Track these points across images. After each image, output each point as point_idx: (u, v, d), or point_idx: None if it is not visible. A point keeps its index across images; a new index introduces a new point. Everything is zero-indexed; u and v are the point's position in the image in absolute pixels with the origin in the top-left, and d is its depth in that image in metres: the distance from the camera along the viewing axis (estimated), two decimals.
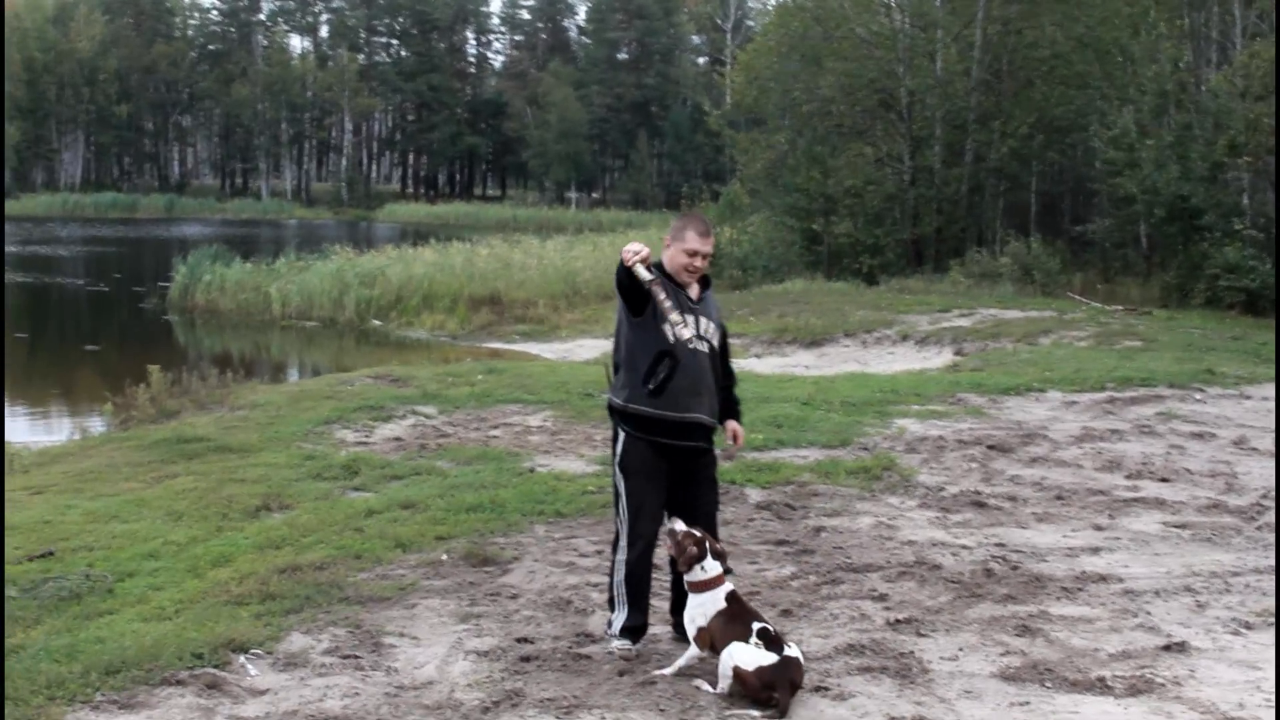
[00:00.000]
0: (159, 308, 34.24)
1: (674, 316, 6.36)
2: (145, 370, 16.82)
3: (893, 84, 38.18)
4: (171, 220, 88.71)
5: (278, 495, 10.19)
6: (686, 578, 6.31)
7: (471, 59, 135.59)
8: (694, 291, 6.71)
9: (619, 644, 6.61)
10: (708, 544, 6.31)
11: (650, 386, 6.50)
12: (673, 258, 6.66)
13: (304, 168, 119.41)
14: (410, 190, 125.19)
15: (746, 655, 5.90)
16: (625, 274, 6.35)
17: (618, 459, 6.71)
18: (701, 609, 6.21)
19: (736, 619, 6.11)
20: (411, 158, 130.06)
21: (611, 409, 6.73)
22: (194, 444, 12.46)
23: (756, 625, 6.05)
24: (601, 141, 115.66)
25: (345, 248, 39.22)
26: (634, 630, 6.67)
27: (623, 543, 6.69)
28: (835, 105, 39.68)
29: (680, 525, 6.42)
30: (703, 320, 6.65)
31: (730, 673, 5.92)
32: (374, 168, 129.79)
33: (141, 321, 33.37)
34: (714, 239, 6.80)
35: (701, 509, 6.70)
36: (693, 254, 6.62)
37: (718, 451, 6.84)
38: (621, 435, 6.68)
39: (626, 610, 6.66)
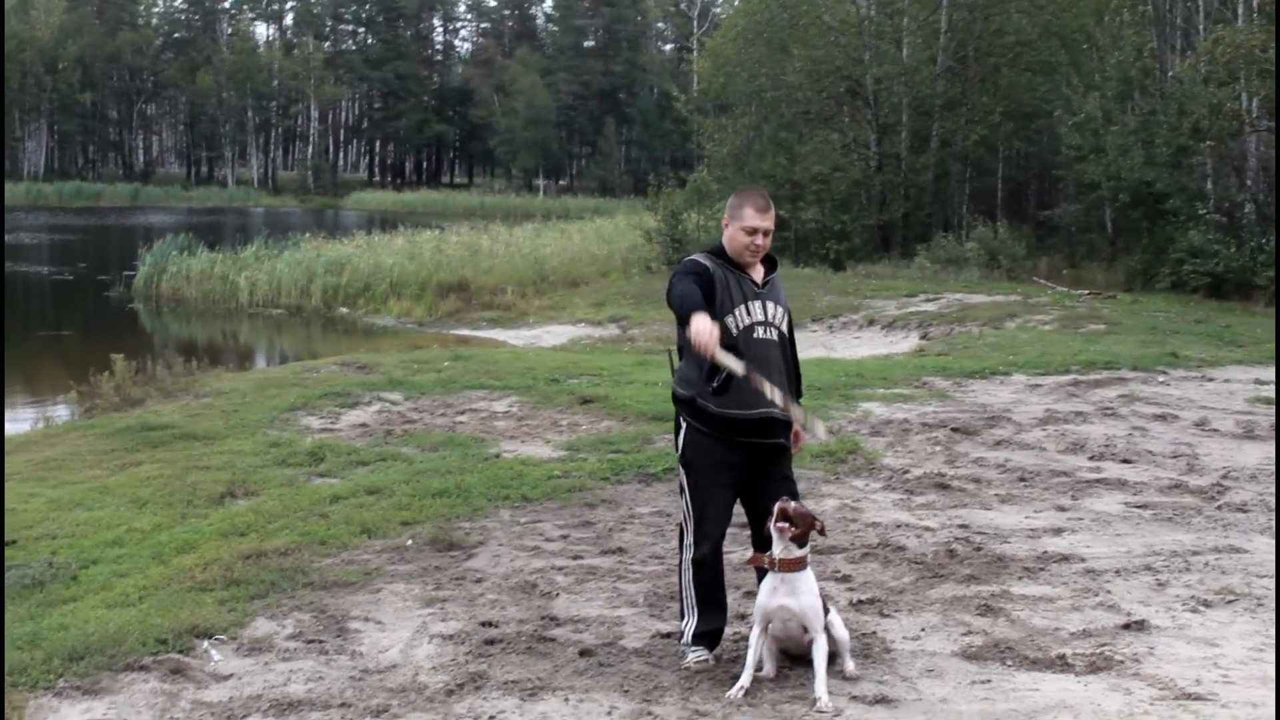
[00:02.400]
0: (124, 296, 34.09)
1: (765, 389, 5.73)
2: (110, 358, 16.75)
3: (859, 71, 38.25)
4: (137, 209, 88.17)
5: (243, 482, 10.17)
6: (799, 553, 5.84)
7: (438, 46, 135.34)
8: (758, 274, 6.23)
9: (694, 656, 6.17)
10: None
11: (714, 385, 6.02)
12: (732, 238, 6.16)
13: (270, 156, 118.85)
14: (377, 178, 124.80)
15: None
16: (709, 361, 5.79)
17: (680, 452, 6.23)
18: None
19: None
20: (378, 145, 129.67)
21: (676, 399, 6.23)
22: (158, 431, 12.42)
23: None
24: (569, 129, 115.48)
25: (314, 237, 39.07)
26: (708, 636, 6.23)
27: (688, 541, 6.22)
28: (801, 92, 39.72)
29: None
30: (769, 305, 6.18)
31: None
32: (340, 156, 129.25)
33: (106, 310, 33.21)
34: (774, 213, 6.23)
35: (775, 503, 6.10)
36: (753, 232, 6.11)
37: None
38: (683, 426, 6.18)
39: (697, 615, 6.21)
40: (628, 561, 7.99)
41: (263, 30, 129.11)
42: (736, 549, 7.52)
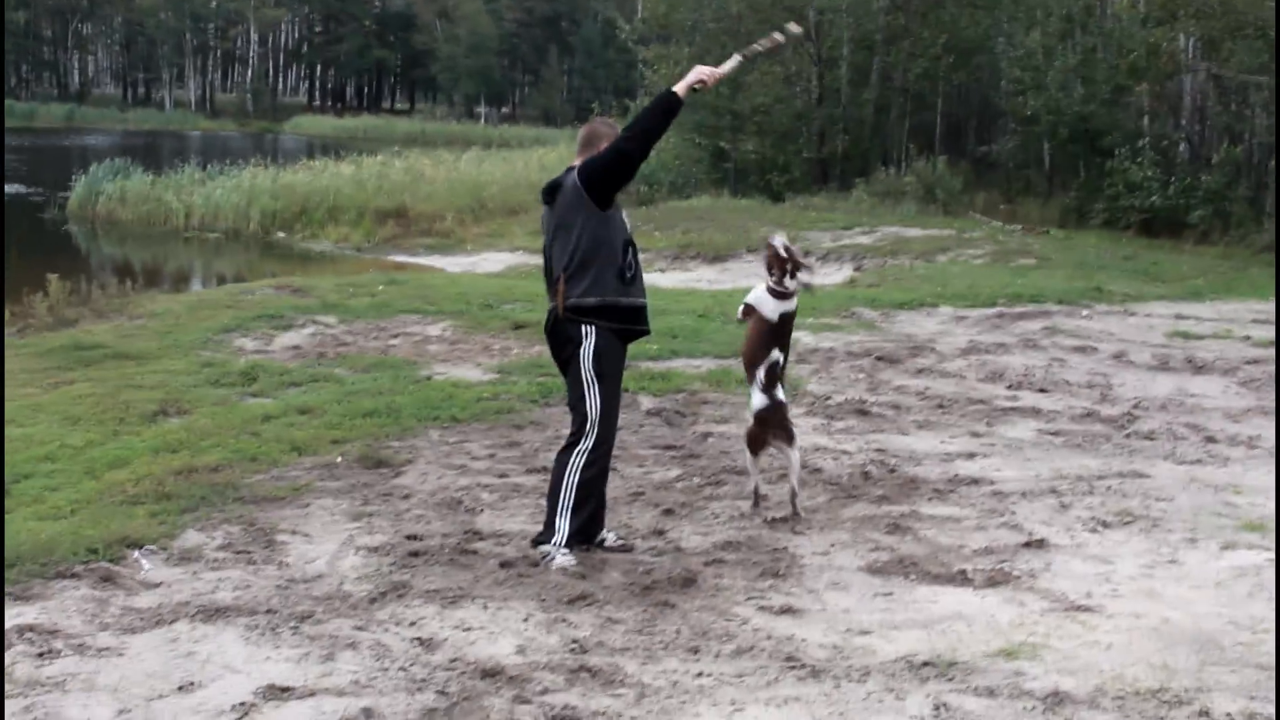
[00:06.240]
0: (59, 217, 33.79)
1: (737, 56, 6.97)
2: (44, 279, 16.73)
3: (801, 2, 38.22)
4: (72, 130, 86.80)
5: (175, 401, 10.29)
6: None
7: None
8: None
9: (566, 559, 6.51)
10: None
11: (629, 275, 6.63)
12: None
13: (208, 79, 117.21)
14: (317, 103, 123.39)
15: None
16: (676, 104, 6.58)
17: (591, 362, 6.58)
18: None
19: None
20: (318, 70, 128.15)
21: (581, 310, 6.58)
22: (92, 351, 12.48)
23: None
24: (512, 56, 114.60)
25: (257, 164, 38.58)
26: (576, 537, 6.61)
27: (587, 444, 6.62)
28: (744, 24, 39.63)
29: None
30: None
31: None
32: (280, 80, 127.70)
33: (41, 231, 32.91)
34: None
35: None
36: None
37: None
38: (592, 336, 6.58)
39: (570, 516, 6.58)
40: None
41: None
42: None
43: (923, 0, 38.15)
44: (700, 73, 6.64)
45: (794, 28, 7.17)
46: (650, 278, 20.09)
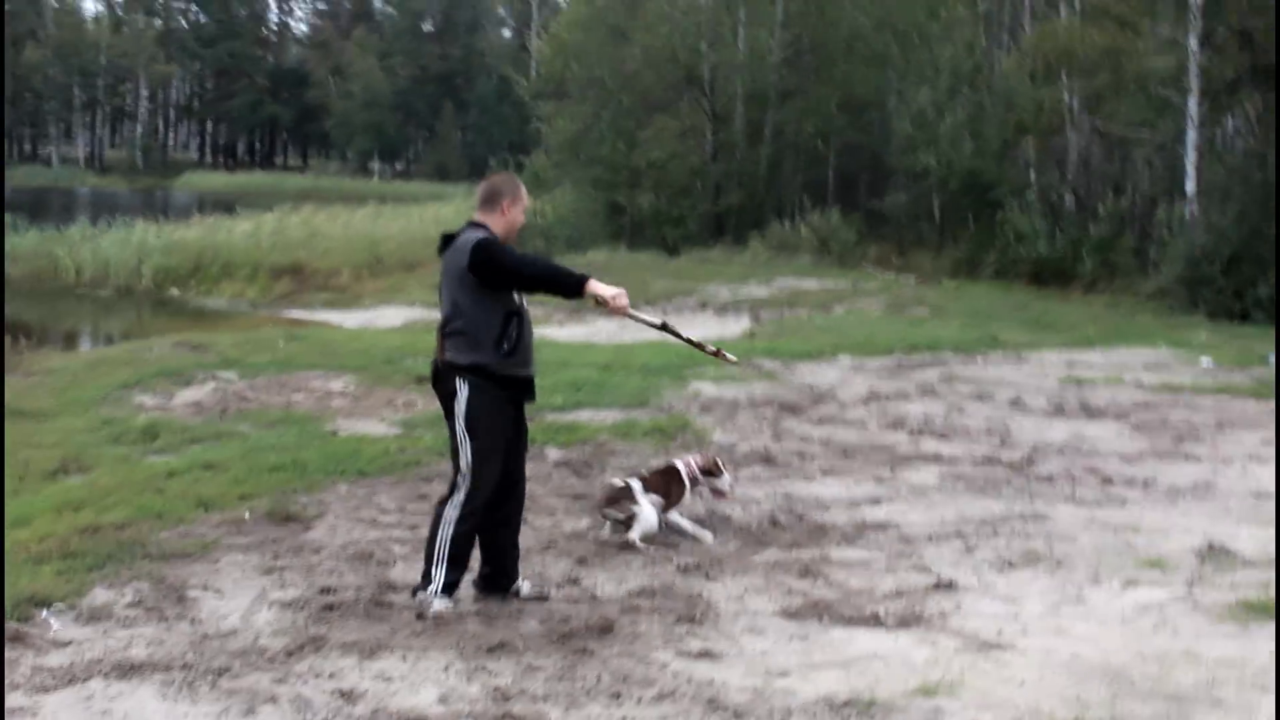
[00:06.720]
0: None
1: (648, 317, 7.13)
2: None
3: (696, 59, 38.67)
4: None
5: (76, 458, 10.17)
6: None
7: (274, 26, 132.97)
8: None
9: (442, 604, 6.57)
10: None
11: (506, 347, 6.56)
12: (514, 220, 6.77)
13: (97, 134, 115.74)
14: (209, 159, 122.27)
15: None
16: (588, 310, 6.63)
17: (464, 415, 6.60)
18: None
19: None
20: (210, 126, 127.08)
21: (456, 367, 6.61)
22: None
23: None
24: (406, 112, 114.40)
25: (149, 221, 38.09)
26: (453, 586, 6.66)
27: (459, 498, 6.63)
28: (640, 78, 39.99)
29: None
30: None
31: None
32: (171, 135, 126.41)
33: None
34: None
35: (523, 452, 6.98)
36: (524, 210, 6.85)
37: None
38: (466, 389, 6.59)
39: (446, 567, 6.60)
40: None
41: (90, 5, 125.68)
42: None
43: (815, 57, 38.76)
44: (616, 297, 6.46)
45: (731, 358, 7.78)
46: (548, 331, 20.17)
